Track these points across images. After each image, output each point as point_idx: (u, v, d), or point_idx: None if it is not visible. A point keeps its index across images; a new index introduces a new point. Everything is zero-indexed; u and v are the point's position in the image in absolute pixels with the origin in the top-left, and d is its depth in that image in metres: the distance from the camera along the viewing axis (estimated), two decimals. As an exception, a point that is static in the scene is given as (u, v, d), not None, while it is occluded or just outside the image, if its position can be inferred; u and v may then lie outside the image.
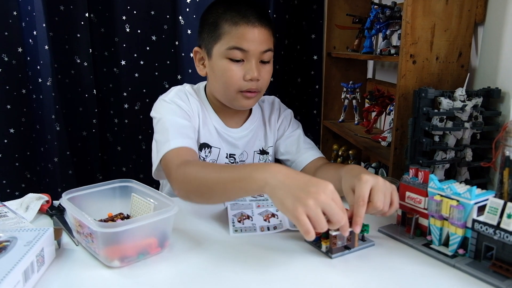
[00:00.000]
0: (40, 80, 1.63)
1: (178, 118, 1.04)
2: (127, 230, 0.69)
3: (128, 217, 0.86)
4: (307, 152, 1.15)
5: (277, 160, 1.24)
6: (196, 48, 1.11)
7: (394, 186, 0.79)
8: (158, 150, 0.98)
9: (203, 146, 1.10)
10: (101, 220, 0.84)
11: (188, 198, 0.88)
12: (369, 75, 1.79)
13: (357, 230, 0.74)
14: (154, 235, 0.74)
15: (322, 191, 0.68)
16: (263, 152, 1.19)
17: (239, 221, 0.88)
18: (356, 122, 1.66)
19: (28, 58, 1.65)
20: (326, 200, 0.68)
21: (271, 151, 1.21)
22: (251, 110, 1.20)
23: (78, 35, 1.67)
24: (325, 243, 0.76)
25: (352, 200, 0.78)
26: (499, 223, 0.67)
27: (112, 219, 0.85)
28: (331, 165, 1.06)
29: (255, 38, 1.01)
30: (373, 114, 1.55)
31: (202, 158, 1.10)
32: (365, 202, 0.74)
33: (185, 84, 1.17)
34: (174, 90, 1.12)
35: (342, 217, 0.69)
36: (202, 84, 1.18)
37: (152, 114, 1.08)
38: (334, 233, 0.74)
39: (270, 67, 1.08)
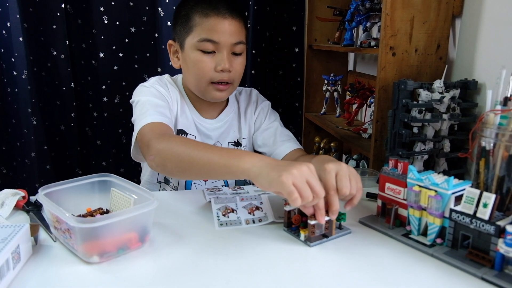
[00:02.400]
0: (15, 72, 1.59)
1: (156, 98, 1.06)
2: (106, 225, 0.68)
3: (107, 212, 0.85)
4: (284, 144, 1.16)
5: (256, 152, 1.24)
6: (170, 41, 1.13)
7: (356, 172, 0.80)
8: (135, 128, 1.00)
9: (179, 132, 1.12)
10: (80, 216, 0.82)
11: (163, 168, 0.88)
12: (350, 67, 1.80)
13: (334, 216, 0.77)
14: (134, 230, 0.73)
15: (305, 165, 0.72)
16: (237, 143, 1.21)
17: (224, 215, 0.88)
18: (337, 114, 1.67)
19: (2, 50, 1.60)
20: (309, 173, 0.71)
21: (245, 143, 1.21)
22: (227, 101, 1.20)
23: (54, 27, 1.63)
24: (303, 232, 0.77)
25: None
26: (475, 212, 0.69)
27: (91, 214, 0.83)
28: (306, 157, 1.08)
29: (225, 30, 1.03)
30: (354, 106, 1.56)
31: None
32: (335, 191, 0.76)
33: (165, 75, 1.19)
34: (154, 78, 1.15)
35: (322, 190, 0.72)
36: (179, 76, 1.19)
37: (131, 100, 1.10)
38: (312, 222, 0.75)
39: (242, 59, 1.09)
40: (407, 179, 0.80)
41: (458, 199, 0.73)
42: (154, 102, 1.05)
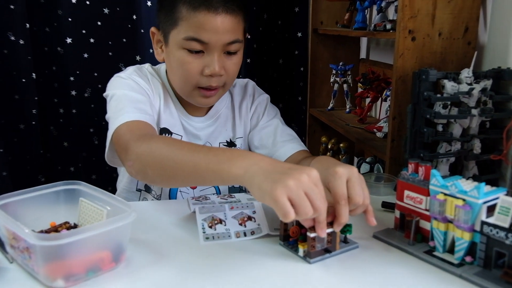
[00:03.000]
0: (-36, 61, 1.58)
1: (134, 93, 1.05)
2: (73, 243, 0.67)
3: (75, 226, 0.85)
4: (285, 145, 1.15)
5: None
6: (153, 29, 1.12)
7: (363, 179, 0.80)
8: (110, 127, 0.99)
9: (163, 131, 1.12)
10: (42, 231, 0.82)
11: (144, 176, 0.89)
12: (362, 55, 1.80)
13: (339, 228, 0.76)
14: (107, 248, 0.73)
15: (305, 173, 0.70)
16: (230, 144, 1.20)
17: (210, 227, 0.88)
18: (347, 110, 1.68)
19: (-51, 35, 1.59)
20: (309, 183, 0.70)
21: (240, 143, 1.21)
22: None
23: (12, 7, 1.62)
24: (302, 247, 0.77)
25: (328, 197, 0.79)
26: (511, 225, 0.69)
27: (55, 229, 0.83)
28: (308, 159, 1.07)
29: (217, 28, 1.00)
30: (367, 100, 1.56)
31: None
32: (347, 201, 0.76)
33: (145, 64, 1.18)
34: (132, 67, 1.14)
35: (325, 204, 0.71)
36: (163, 66, 1.19)
37: (105, 94, 1.09)
38: (312, 235, 0.75)
39: (237, 58, 1.08)
40: (430, 186, 0.79)
41: (491, 210, 0.73)
42: (132, 97, 1.04)
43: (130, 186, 1.18)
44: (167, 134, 1.12)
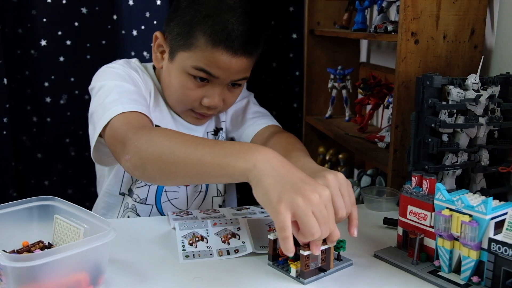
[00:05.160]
0: None
1: (127, 83, 1.06)
2: (48, 264, 0.67)
3: (50, 246, 0.85)
4: (254, 122, 1.18)
5: None
6: (158, 34, 1.14)
7: (345, 179, 0.81)
8: (100, 118, 0.98)
9: None
10: (13, 252, 0.82)
11: (143, 171, 0.88)
12: (363, 58, 1.81)
13: (333, 244, 0.76)
14: (84, 269, 0.73)
15: (318, 192, 0.71)
16: (217, 130, 1.24)
17: (191, 244, 0.88)
18: (346, 118, 1.68)
19: None
20: (319, 204, 0.70)
21: (224, 125, 1.25)
22: None
23: (-19, 7, 1.63)
24: (294, 266, 0.78)
25: None
26: (520, 242, 0.70)
27: (28, 249, 0.83)
28: (280, 138, 1.09)
29: (230, 68, 1.04)
30: (368, 107, 1.57)
31: None
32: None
33: (132, 59, 1.20)
34: (122, 60, 1.16)
35: (334, 226, 0.72)
36: (150, 66, 1.21)
37: (90, 86, 1.10)
38: (305, 253, 0.76)
39: (239, 90, 1.14)
40: (435, 200, 0.80)
41: (499, 226, 0.74)
42: (126, 87, 1.04)
43: (113, 189, 1.18)
44: None
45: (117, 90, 1.02)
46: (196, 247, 0.88)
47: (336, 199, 0.77)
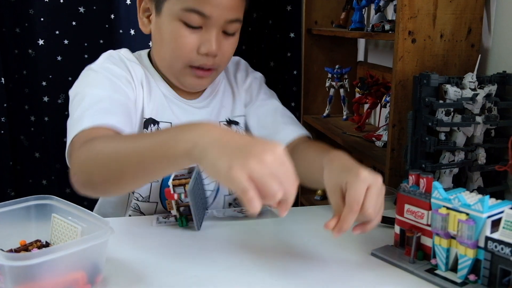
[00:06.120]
0: None
1: (101, 89, 1.00)
2: (45, 262, 0.67)
3: (47, 244, 0.85)
4: (287, 127, 1.13)
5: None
6: None
7: (383, 195, 0.80)
8: (68, 136, 0.94)
9: (148, 122, 1.08)
10: (11, 251, 0.82)
11: (91, 185, 0.84)
12: (360, 57, 1.82)
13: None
14: (82, 268, 0.73)
15: (269, 150, 0.66)
16: (230, 122, 1.17)
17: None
18: (344, 117, 1.69)
19: None
20: (274, 163, 0.65)
21: (243, 121, 1.19)
22: None
23: (-21, 6, 1.62)
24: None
25: (337, 202, 0.78)
26: (517, 240, 0.70)
27: (26, 248, 0.83)
28: (312, 146, 1.05)
29: (221, 2, 0.98)
30: (366, 106, 1.58)
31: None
32: (359, 208, 0.74)
33: (121, 49, 1.14)
34: (105, 55, 1.10)
35: (294, 187, 0.67)
36: (143, 52, 1.17)
37: (70, 90, 1.05)
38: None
39: (234, 39, 1.07)
40: (432, 199, 0.80)
41: (496, 224, 0.74)
42: (98, 96, 0.98)
43: (112, 200, 1.16)
44: (152, 125, 1.08)
45: (89, 101, 0.97)
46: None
47: (370, 196, 0.75)
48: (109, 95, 1.00)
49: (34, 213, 0.85)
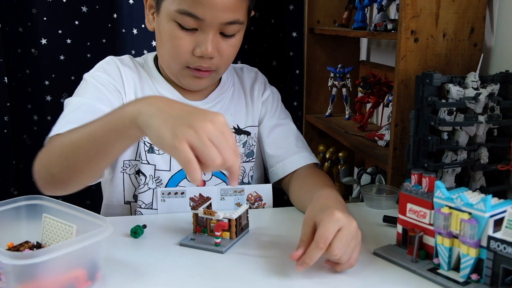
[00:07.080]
0: None
1: (84, 98, 1.03)
2: (48, 261, 0.67)
3: (38, 246, 0.84)
4: (300, 152, 1.14)
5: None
6: None
7: (359, 240, 0.80)
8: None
9: None
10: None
11: (52, 179, 0.86)
12: (363, 56, 1.81)
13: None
14: (82, 265, 0.73)
15: (209, 120, 0.69)
16: (239, 131, 1.16)
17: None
18: (346, 116, 1.68)
19: None
20: (214, 130, 0.68)
21: (255, 132, 1.19)
22: (220, 78, 1.18)
23: (-18, 5, 1.63)
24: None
25: (306, 233, 0.79)
26: (520, 240, 0.70)
27: (17, 249, 0.82)
28: (311, 177, 1.07)
29: (215, 4, 0.96)
30: (368, 106, 1.57)
31: (143, 143, 1.10)
32: (326, 245, 0.75)
33: (123, 56, 1.16)
34: (101, 62, 1.12)
35: (233, 155, 0.69)
36: (150, 55, 1.17)
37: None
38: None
39: (235, 41, 1.06)
40: (434, 198, 0.80)
41: (498, 224, 0.74)
42: (81, 103, 1.02)
43: (117, 199, 1.15)
44: None
45: (67, 110, 1.01)
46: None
47: (339, 238, 0.76)
48: (88, 102, 1.02)
49: (24, 214, 0.85)
